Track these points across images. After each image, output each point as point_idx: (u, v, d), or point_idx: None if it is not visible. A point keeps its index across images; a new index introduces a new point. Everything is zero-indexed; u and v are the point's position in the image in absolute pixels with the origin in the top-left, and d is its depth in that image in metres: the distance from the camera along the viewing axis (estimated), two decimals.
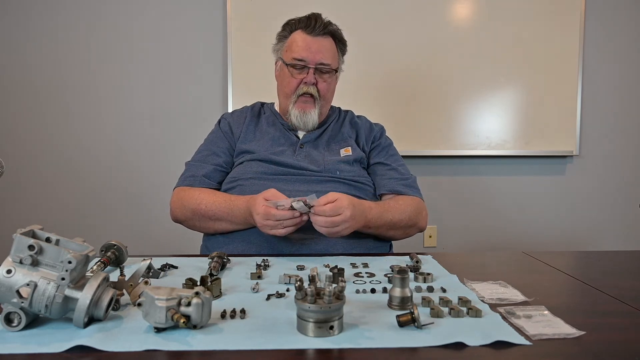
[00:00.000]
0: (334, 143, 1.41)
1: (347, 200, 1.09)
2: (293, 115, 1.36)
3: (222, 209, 1.22)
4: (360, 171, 1.37)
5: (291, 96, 1.37)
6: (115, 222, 2.55)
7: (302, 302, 0.63)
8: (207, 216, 1.24)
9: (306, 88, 1.34)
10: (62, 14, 2.48)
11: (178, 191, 1.33)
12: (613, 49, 2.65)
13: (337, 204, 1.07)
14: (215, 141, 1.42)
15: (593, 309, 0.79)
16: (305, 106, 1.36)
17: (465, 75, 2.55)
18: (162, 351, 0.59)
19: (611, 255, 1.23)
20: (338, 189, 1.26)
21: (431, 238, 2.67)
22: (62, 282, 0.64)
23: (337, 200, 1.07)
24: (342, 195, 1.09)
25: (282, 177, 1.30)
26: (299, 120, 1.37)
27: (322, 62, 1.34)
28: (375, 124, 1.51)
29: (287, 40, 1.38)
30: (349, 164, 1.35)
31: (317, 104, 1.36)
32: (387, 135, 1.51)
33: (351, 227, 1.11)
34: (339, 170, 1.33)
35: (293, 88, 1.36)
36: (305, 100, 1.36)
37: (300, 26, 1.36)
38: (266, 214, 1.08)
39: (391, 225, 1.25)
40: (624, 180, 2.71)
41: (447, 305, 0.75)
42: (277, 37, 1.43)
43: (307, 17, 1.36)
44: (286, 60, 1.37)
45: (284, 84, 1.39)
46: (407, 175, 1.39)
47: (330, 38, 1.37)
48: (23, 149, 2.50)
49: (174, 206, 1.32)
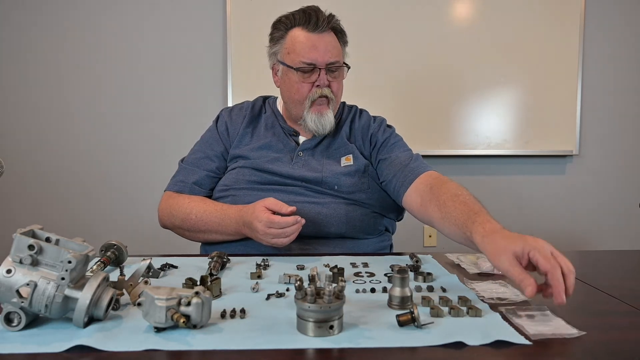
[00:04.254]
0: (335, 149, 1.31)
1: (543, 244, 0.79)
2: (310, 120, 1.26)
3: (212, 219, 1.18)
4: (360, 184, 1.26)
5: (304, 102, 1.26)
6: (115, 221, 2.55)
7: (302, 301, 0.63)
8: (197, 226, 1.20)
9: (320, 91, 1.25)
10: (62, 13, 2.48)
11: (167, 197, 1.29)
12: (613, 49, 2.65)
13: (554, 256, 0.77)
14: (210, 143, 1.36)
15: (593, 309, 0.79)
16: (321, 108, 1.26)
17: (465, 75, 2.55)
18: (162, 351, 0.59)
19: (611, 255, 1.23)
20: (335, 203, 1.22)
21: (431, 238, 2.67)
22: (62, 281, 0.64)
23: (545, 256, 0.76)
24: (541, 247, 0.77)
25: (276, 188, 1.24)
26: (317, 125, 1.26)
27: (332, 61, 1.24)
28: (374, 119, 1.40)
29: (285, 40, 1.26)
30: (350, 176, 1.26)
31: (331, 105, 1.27)
32: (387, 126, 1.39)
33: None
34: (337, 185, 1.24)
35: (305, 94, 1.25)
36: (320, 102, 1.26)
37: (299, 23, 1.24)
38: (269, 222, 1.03)
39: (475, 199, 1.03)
40: (624, 180, 2.71)
41: (447, 305, 0.75)
42: (271, 38, 1.30)
43: (304, 12, 1.24)
44: (291, 64, 1.24)
45: (293, 90, 1.27)
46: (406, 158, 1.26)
47: (332, 32, 1.26)
48: (23, 149, 2.50)
49: (162, 213, 1.28)
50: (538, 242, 0.77)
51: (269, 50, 1.32)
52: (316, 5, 1.26)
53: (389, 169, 1.26)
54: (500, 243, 0.80)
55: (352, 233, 1.23)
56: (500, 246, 0.80)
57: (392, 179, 1.24)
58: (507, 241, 0.79)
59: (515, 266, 0.76)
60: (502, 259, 0.78)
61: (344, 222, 1.21)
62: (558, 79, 2.58)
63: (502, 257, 0.78)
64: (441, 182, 1.13)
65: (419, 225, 2.68)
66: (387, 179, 1.25)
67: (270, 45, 1.31)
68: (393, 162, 1.26)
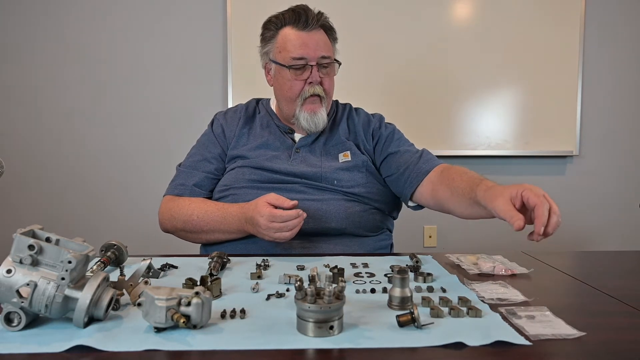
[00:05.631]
0: (332, 146, 1.33)
1: (537, 188, 0.86)
2: (302, 118, 1.28)
3: (214, 218, 1.19)
4: (359, 179, 1.28)
5: (296, 100, 1.28)
6: (116, 221, 2.55)
7: (302, 302, 0.63)
8: (199, 227, 1.20)
9: (312, 89, 1.26)
10: (62, 13, 2.48)
11: (167, 201, 1.29)
12: (613, 49, 2.65)
13: (542, 196, 0.85)
14: (207, 145, 1.36)
15: (593, 309, 0.79)
16: (313, 107, 1.27)
17: (465, 75, 2.55)
18: (162, 351, 0.59)
19: (611, 256, 1.23)
20: (334, 200, 1.23)
21: (431, 238, 2.67)
22: (62, 282, 0.63)
23: (536, 193, 0.84)
24: (533, 188, 0.86)
25: (276, 186, 1.24)
26: (309, 123, 1.28)
27: (323, 55, 1.25)
28: (373, 115, 1.42)
29: (276, 39, 1.27)
30: (349, 172, 1.27)
31: (323, 102, 1.28)
32: (386, 122, 1.41)
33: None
34: (337, 180, 1.25)
35: (297, 91, 1.27)
36: (313, 101, 1.27)
37: (289, 22, 1.26)
38: (272, 216, 1.04)
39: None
40: (624, 180, 2.71)
41: (447, 305, 0.75)
42: (262, 38, 1.32)
43: (293, 11, 1.25)
44: (283, 61, 1.26)
45: (285, 88, 1.28)
46: (416, 152, 1.30)
47: (322, 30, 1.28)
48: (23, 149, 2.50)
49: (162, 217, 1.28)
50: (532, 186, 0.86)
51: (261, 50, 1.34)
52: (305, 4, 1.28)
53: (399, 162, 1.29)
54: (499, 190, 0.91)
55: (353, 229, 1.24)
56: (498, 192, 0.90)
57: (404, 171, 1.26)
58: (505, 188, 0.89)
59: (507, 204, 0.85)
60: (497, 201, 0.86)
61: (344, 218, 1.22)
62: (558, 79, 2.58)
63: (498, 200, 0.87)
64: (450, 167, 1.20)
65: (419, 225, 2.68)
66: (398, 172, 1.28)
67: (261, 45, 1.33)
68: (403, 155, 1.30)
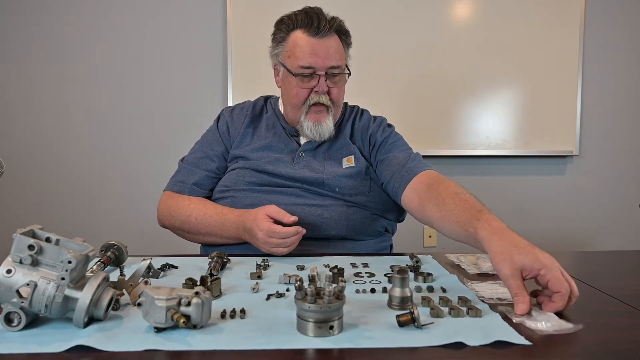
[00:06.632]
0: (336, 150, 1.30)
1: (554, 262, 0.75)
2: (306, 127, 1.24)
3: (212, 222, 1.17)
4: (362, 187, 1.25)
5: (301, 107, 1.24)
6: (115, 221, 2.55)
7: (302, 302, 0.63)
8: (196, 229, 1.20)
9: (318, 97, 1.22)
10: (62, 13, 2.48)
11: (166, 197, 1.29)
12: (613, 49, 2.65)
13: (564, 280, 0.73)
14: (211, 142, 1.35)
15: (593, 309, 0.79)
16: (318, 117, 1.23)
17: (466, 75, 2.55)
18: (162, 351, 0.59)
19: (611, 255, 1.23)
20: (335, 206, 1.21)
21: (431, 238, 2.67)
22: (62, 282, 0.63)
23: (557, 277, 0.73)
24: (552, 265, 0.74)
25: (276, 189, 1.22)
26: (313, 133, 1.24)
27: (333, 65, 1.21)
28: (374, 119, 1.38)
29: (287, 42, 1.23)
30: (352, 178, 1.24)
31: (330, 112, 1.24)
32: (387, 125, 1.37)
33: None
34: (338, 187, 1.22)
35: (303, 99, 1.23)
36: (318, 110, 1.23)
37: (300, 26, 1.20)
38: (271, 231, 1.03)
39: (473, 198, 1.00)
40: (624, 180, 2.71)
41: (447, 305, 0.75)
42: (274, 38, 1.28)
43: (306, 14, 1.20)
44: (291, 68, 1.22)
45: (291, 94, 1.24)
46: (404, 158, 1.23)
47: (336, 35, 1.22)
48: (23, 149, 2.50)
49: (161, 213, 1.28)
50: (549, 259, 0.74)
51: (271, 50, 1.30)
52: (319, 7, 1.22)
53: (387, 169, 1.24)
54: (508, 247, 0.77)
55: (353, 235, 1.23)
56: (506, 250, 0.76)
57: (390, 179, 1.22)
58: (517, 249, 0.76)
59: (516, 278, 0.74)
60: (505, 265, 0.75)
61: (345, 225, 1.20)
62: (558, 79, 2.58)
63: (506, 263, 0.75)
64: (439, 181, 1.10)
65: (419, 225, 2.68)
66: (386, 180, 1.24)
67: (272, 45, 1.29)
68: (391, 162, 1.24)
